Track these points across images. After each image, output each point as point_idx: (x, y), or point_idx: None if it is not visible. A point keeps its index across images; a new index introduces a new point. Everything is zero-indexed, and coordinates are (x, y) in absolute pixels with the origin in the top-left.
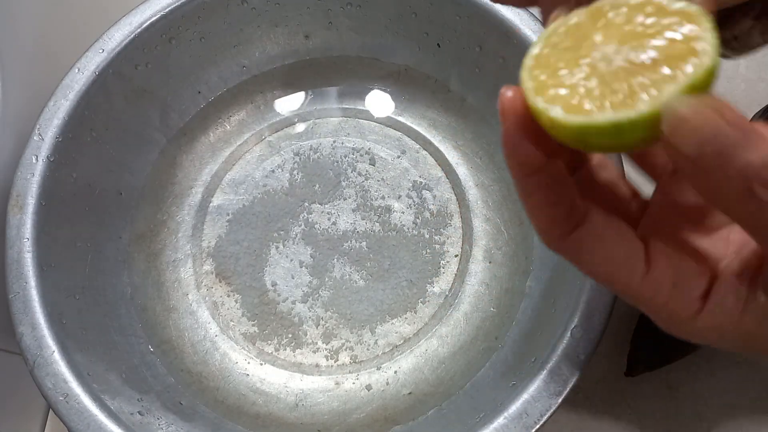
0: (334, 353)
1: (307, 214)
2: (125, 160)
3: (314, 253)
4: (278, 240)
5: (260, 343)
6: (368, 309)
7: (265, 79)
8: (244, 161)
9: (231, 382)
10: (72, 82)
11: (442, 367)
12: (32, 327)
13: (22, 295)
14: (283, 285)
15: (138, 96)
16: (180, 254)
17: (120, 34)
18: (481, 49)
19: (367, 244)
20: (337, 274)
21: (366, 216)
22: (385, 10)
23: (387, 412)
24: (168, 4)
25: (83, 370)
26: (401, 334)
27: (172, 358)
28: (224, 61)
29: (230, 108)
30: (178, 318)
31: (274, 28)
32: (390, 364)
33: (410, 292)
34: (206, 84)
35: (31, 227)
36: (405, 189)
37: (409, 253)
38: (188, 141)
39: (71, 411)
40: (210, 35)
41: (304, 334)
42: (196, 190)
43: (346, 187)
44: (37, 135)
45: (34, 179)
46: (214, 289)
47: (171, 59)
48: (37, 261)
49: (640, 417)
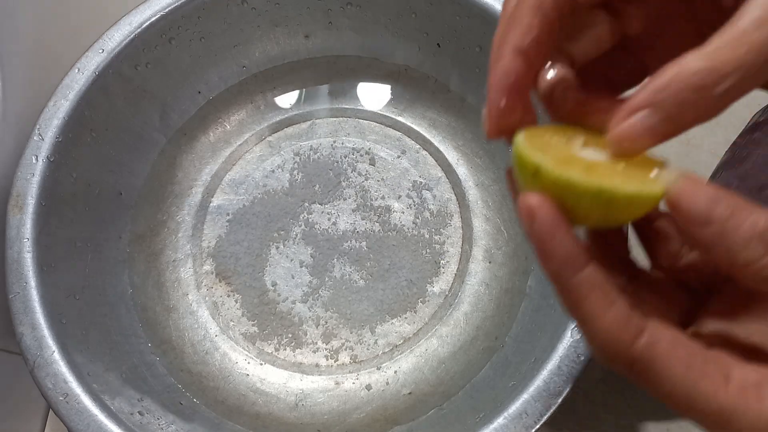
0: (334, 353)
1: (307, 214)
2: (125, 160)
3: (314, 253)
4: (278, 240)
5: (260, 343)
6: (368, 309)
7: (265, 78)
8: (244, 161)
9: (231, 382)
10: (72, 82)
11: (442, 367)
12: (32, 327)
13: (22, 295)
14: (283, 285)
15: (138, 96)
16: (180, 254)
17: (120, 34)
18: (481, 49)
19: (367, 244)
20: (337, 274)
21: (366, 216)
22: (385, 10)
23: (387, 412)
24: (168, 4)
25: (83, 370)
26: (401, 334)
27: (172, 358)
28: (224, 61)
29: (230, 108)
30: (178, 318)
31: (274, 28)
32: (390, 364)
33: (410, 292)
34: (206, 84)
35: (31, 227)
36: (405, 189)
37: (409, 253)
38: (188, 141)
39: (71, 411)
40: (210, 35)
41: (304, 334)
42: (196, 190)
43: (346, 187)
44: (37, 135)
45: (34, 179)
46: (214, 289)
47: (171, 59)
48: (37, 261)
49: (640, 417)
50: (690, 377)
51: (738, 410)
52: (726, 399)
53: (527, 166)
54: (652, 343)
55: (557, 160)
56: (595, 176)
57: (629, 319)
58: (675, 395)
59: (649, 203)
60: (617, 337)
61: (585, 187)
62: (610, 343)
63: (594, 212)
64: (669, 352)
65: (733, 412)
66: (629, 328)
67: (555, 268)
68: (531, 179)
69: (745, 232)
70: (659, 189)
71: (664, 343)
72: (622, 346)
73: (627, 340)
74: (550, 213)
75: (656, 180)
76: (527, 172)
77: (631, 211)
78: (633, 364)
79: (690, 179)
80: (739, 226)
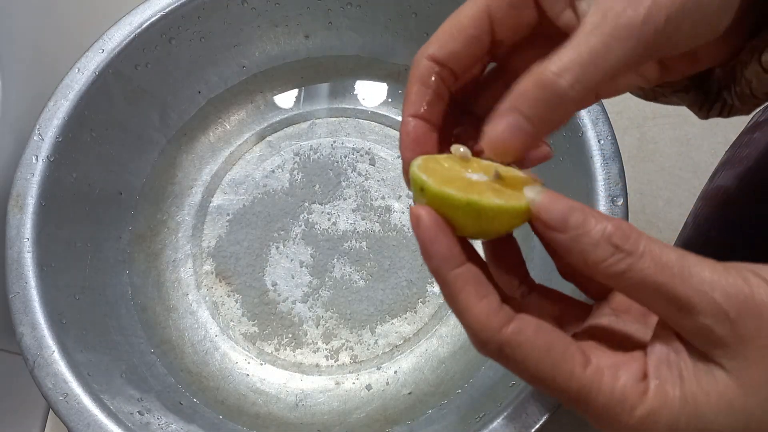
0: (334, 353)
1: (307, 214)
2: (125, 160)
3: (314, 253)
4: (278, 240)
5: (260, 343)
6: (368, 309)
7: (264, 78)
8: (244, 161)
9: (231, 382)
10: (72, 82)
11: (442, 367)
12: (32, 327)
13: (22, 295)
14: (283, 285)
15: (138, 96)
16: (180, 254)
17: (120, 34)
18: None
19: (367, 244)
20: (337, 274)
21: (366, 216)
22: (385, 10)
23: (387, 412)
24: (168, 4)
25: (83, 370)
26: (401, 334)
27: (172, 358)
28: (224, 61)
29: (230, 108)
30: (178, 318)
31: (274, 28)
32: (390, 364)
33: (410, 292)
34: (206, 84)
35: (31, 227)
36: (405, 189)
37: (409, 253)
38: (188, 141)
39: (71, 411)
40: (210, 35)
41: (304, 334)
42: (196, 190)
43: (346, 187)
44: (37, 135)
45: (34, 179)
46: (214, 289)
47: (171, 59)
48: (37, 261)
49: None
50: (551, 359)
51: (594, 388)
52: (583, 378)
53: (416, 184)
54: (518, 330)
55: (441, 179)
56: (469, 192)
57: (499, 310)
58: (539, 376)
59: (516, 215)
60: (487, 325)
61: (458, 200)
62: (480, 330)
63: (469, 222)
64: (533, 337)
65: (590, 390)
66: (498, 317)
67: (435, 265)
68: (419, 194)
69: (595, 236)
70: (524, 203)
71: (529, 330)
72: (490, 333)
73: (495, 327)
74: (431, 220)
75: (522, 196)
76: (416, 187)
77: (502, 222)
78: (502, 349)
79: (550, 193)
80: (590, 231)
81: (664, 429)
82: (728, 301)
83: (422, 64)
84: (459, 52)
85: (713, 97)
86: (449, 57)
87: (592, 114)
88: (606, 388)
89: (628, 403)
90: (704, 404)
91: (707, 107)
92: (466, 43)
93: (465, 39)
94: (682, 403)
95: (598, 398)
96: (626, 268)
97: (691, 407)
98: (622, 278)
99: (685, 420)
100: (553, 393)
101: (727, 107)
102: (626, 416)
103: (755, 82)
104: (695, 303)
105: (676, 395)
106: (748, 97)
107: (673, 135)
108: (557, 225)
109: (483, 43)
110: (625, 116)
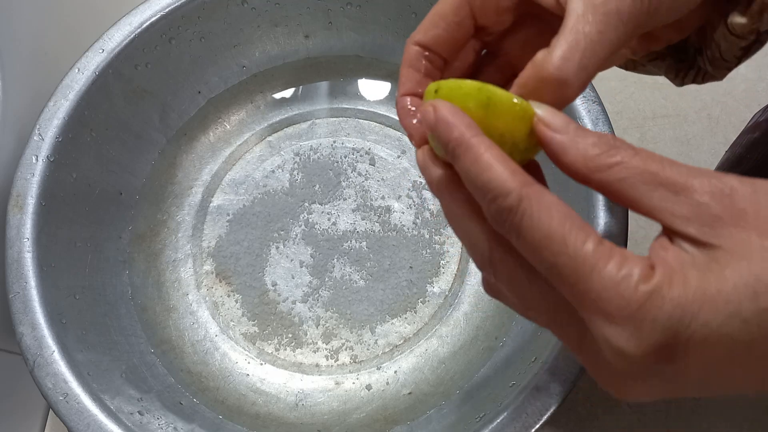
0: (334, 353)
1: (307, 214)
2: (125, 160)
3: (314, 253)
4: (278, 240)
5: (260, 343)
6: (368, 309)
7: (264, 78)
8: (244, 161)
9: (231, 382)
10: (72, 82)
11: (442, 367)
12: (32, 327)
13: (22, 295)
14: (283, 285)
15: (138, 96)
16: (180, 254)
17: (120, 34)
18: None
19: (367, 244)
20: (337, 274)
21: (366, 216)
22: (385, 10)
23: (387, 412)
24: (168, 4)
25: (83, 370)
26: (401, 334)
27: (172, 358)
28: (224, 61)
29: (230, 108)
30: (178, 318)
31: (274, 28)
32: (390, 364)
33: (410, 292)
34: (206, 84)
35: (31, 227)
36: (405, 189)
37: (409, 253)
38: (188, 141)
39: (71, 411)
40: (210, 35)
41: (304, 334)
42: (196, 190)
43: (346, 187)
44: (37, 135)
45: (34, 179)
46: (214, 289)
47: (171, 59)
48: (37, 261)
49: (640, 416)
50: (565, 227)
51: (601, 262)
52: (590, 253)
53: (430, 88)
54: (540, 191)
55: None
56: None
57: (523, 173)
58: (548, 240)
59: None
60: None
61: (469, 86)
62: (505, 180)
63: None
64: (553, 202)
65: (597, 262)
66: (521, 177)
67: (458, 133)
68: (433, 95)
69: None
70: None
71: (549, 196)
72: (515, 183)
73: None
74: (447, 103)
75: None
76: (430, 91)
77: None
78: (520, 202)
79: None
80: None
81: (669, 307)
82: (722, 179)
83: (410, 49)
84: (442, 36)
85: (688, 64)
86: (434, 41)
87: (592, 114)
88: (613, 265)
89: (634, 279)
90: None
91: (682, 74)
92: (449, 28)
93: (447, 25)
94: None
95: (603, 272)
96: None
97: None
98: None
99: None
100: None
101: (701, 73)
102: (630, 291)
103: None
104: (691, 183)
105: (683, 277)
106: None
107: (673, 135)
108: (560, 127)
109: (466, 27)
110: (625, 116)
